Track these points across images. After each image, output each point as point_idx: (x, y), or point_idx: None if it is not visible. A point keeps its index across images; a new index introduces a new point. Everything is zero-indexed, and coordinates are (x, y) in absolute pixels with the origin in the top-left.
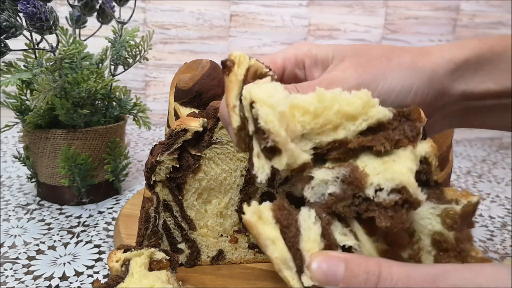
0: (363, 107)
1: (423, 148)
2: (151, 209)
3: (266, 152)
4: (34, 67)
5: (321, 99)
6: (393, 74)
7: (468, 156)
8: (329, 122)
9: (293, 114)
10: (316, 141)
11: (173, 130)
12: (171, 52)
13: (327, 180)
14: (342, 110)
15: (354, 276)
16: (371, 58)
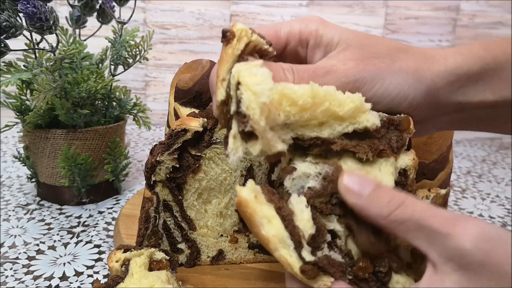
0: (353, 111)
1: (404, 161)
2: (151, 209)
3: (243, 135)
4: (34, 67)
5: (314, 95)
6: (392, 78)
7: (468, 156)
8: (315, 118)
9: (281, 102)
10: (298, 132)
11: (173, 130)
12: (171, 52)
13: (309, 174)
14: (331, 109)
15: (380, 196)
16: (375, 55)
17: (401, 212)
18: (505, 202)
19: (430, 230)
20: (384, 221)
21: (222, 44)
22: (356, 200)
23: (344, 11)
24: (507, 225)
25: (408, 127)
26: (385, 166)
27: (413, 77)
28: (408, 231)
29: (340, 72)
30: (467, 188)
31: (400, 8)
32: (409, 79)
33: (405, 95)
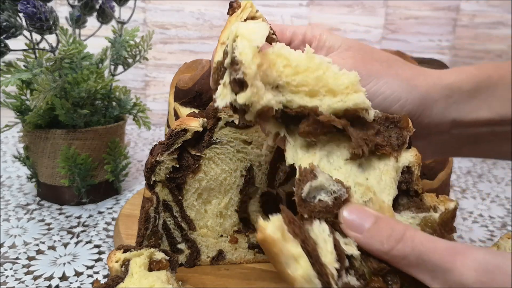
0: (346, 87)
1: (406, 158)
2: (151, 209)
3: (234, 85)
4: (34, 67)
5: (309, 59)
6: (387, 79)
7: None
8: (307, 84)
9: (275, 62)
10: (288, 97)
11: (173, 130)
12: (171, 52)
13: (324, 187)
14: (324, 78)
15: (380, 230)
16: (374, 58)
17: (402, 247)
18: (505, 202)
19: (431, 265)
20: (386, 256)
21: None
22: (357, 234)
23: (344, 11)
24: (507, 225)
25: (408, 125)
26: (386, 172)
27: (408, 83)
28: (410, 265)
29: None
30: (467, 188)
31: (400, 8)
32: (403, 83)
33: (398, 97)
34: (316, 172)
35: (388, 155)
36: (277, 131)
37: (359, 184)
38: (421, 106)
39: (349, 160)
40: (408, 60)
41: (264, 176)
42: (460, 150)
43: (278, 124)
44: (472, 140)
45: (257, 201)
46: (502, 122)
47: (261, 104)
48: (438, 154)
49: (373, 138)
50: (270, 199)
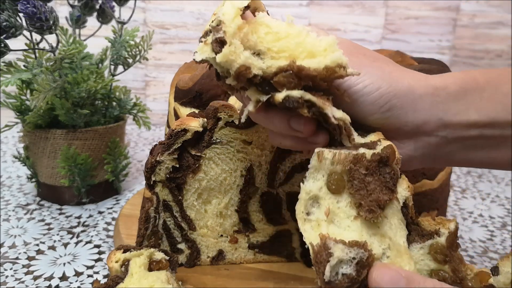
0: (324, 49)
1: (402, 194)
2: (151, 209)
3: (215, 45)
4: (34, 67)
5: (290, 26)
6: (370, 69)
7: None
8: (287, 49)
9: (257, 29)
10: (268, 63)
11: (173, 130)
12: (171, 52)
13: (342, 259)
14: (303, 44)
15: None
16: (362, 53)
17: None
18: (505, 202)
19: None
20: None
21: None
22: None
23: (344, 11)
24: (507, 225)
25: (394, 156)
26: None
27: (390, 76)
28: None
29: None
30: (467, 188)
31: (400, 8)
32: (385, 75)
33: (377, 85)
34: (329, 246)
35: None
36: (258, 98)
37: (373, 234)
38: (404, 98)
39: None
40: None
41: (264, 176)
42: (451, 158)
43: (259, 92)
44: (462, 146)
45: (257, 201)
46: (490, 124)
47: (238, 63)
48: (428, 161)
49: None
50: (270, 199)
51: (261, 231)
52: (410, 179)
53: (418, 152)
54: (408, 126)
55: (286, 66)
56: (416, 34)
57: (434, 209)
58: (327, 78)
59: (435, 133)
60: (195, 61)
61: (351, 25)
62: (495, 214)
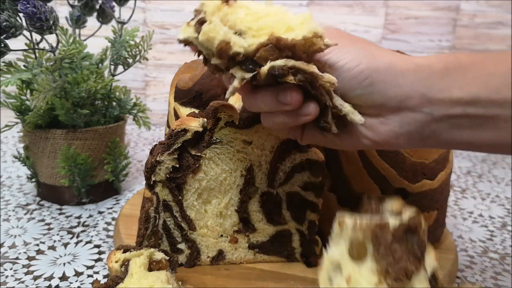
0: (301, 23)
1: (429, 265)
2: (151, 209)
3: (198, 26)
4: (34, 67)
5: (268, 5)
6: (350, 49)
7: (468, 156)
8: (267, 27)
9: (237, 12)
10: (249, 41)
11: (173, 130)
12: (171, 52)
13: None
14: (282, 20)
15: None
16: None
17: None
18: (505, 202)
19: None
20: None
21: None
22: None
23: (344, 11)
24: (507, 225)
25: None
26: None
27: (371, 54)
28: None
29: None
30: (467, 188)
31: (400, 8)
32: (366, 52)
33: (358, 61)
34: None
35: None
36: (243, 76)
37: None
38: (384, 73)
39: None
40: None
41: (264, 176)
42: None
43: (243, 70)
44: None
45: (257, 201)
46: (473, 102)
47: (218, 39)
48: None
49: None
50: (270, 199)
51: (261, 231)
52: (410, 179)
53: (404, 128)
54: (391, 101)
55: (267, 41)
56: (416, 34)
57: (434, 209)
58: (306, 49)
59: (420, 109)
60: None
61: (351, 25)
62: (495, 214)
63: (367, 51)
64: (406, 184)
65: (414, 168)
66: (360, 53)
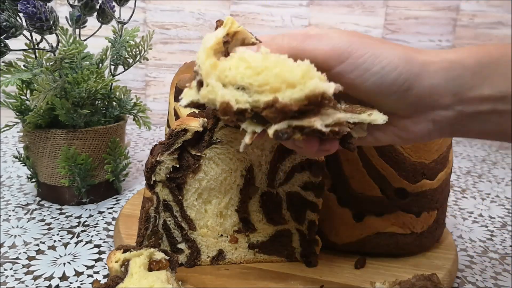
0: (302, 77)
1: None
2: (151, 209)
3: (198, 87)
4: (34, 67)
5: (266, 58)
6: (382, 50)
7: (468, 156)
8: (268, 83)
9: (238, 65)
10: (254, 98)
11: (173, 130)
12: (171, 52)
13: None
14: (282, 75)
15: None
16: (369, 38)
17: None
18: (505, 202)
19: None
20: None
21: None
22: None
23: (344, 11)
24: (507, 225)
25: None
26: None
27: (404, 54)
28: None
29: (334, 37)
30: (467, 188)
31: (400, 8)
32: (399, 54)
33: (395, 65)
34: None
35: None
36: (253, 130)
37: None
38: (419, 78)
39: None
40: None
41: (264, 176)
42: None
43: (254, 124)
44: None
45: (257, 201)
46: (502, 98)
47: (218, 100)
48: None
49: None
50: (270, 199)
51: (261, 231)
52: (410, 179)
53: (436, 126)
54: (425, 102)
55: (271, 102)
56: (416, 34)
57: (434, 209)
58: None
59: (452, 107)
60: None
61: (351, 25)
62: (495, 214)
63: (400, 51)
64: (406, 184)
65: (414, 168)
66: (394, 55)
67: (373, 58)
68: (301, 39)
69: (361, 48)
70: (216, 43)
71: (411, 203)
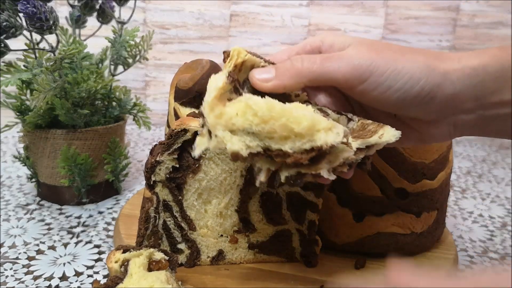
0: (308, 129)
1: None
2: (151, 209)
3: (208, 133)
4: (34, 67)
5: (270, 108)
6: (404, 63)
7: (468, 156)
8: (275, 131)
9: (245, 112)
10: (265, 143)
11: (173, 130)
12: (171, 52)
13: None
14: (288, 125)
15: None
16: (388, 48)
17: None
18: (505, 202)
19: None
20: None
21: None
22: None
23: (344, 11)
24: (507, 225)
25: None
26: None
27: (426, 65)
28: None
29: (353, 56)
30: (467, 188)
31: (400, 8)
32: (421, 65)
33: (418, 78)
34: None
35: None
36: (268, 167)
37: None
38: (442, 87)
39: None
40: None
41: None
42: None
43: (269, 161)
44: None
45: (257, 201)
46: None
47: (228, 150)
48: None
49: None
50: (270, 199)
51: (261, 231)
52: (410, 179)
53: (458, 129)
54: (447, 109)
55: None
56: (416, 34)
57: (434, 209)
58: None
59: (473, 112)
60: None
61: (351, 25)
62: (495, 214)
63: (421, 63)
64: (406, 184)
65: (414, 168)
66: (416, 67)
67: (395, 74)
68: (321, 62)
69: (382, 65)
70: (218, 93)
71: (411, 203)
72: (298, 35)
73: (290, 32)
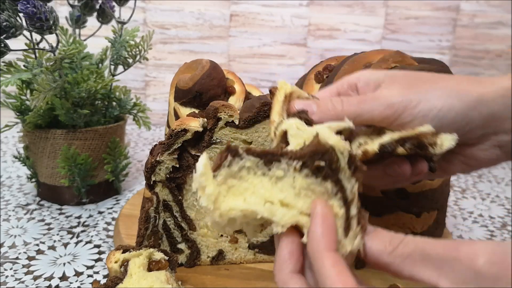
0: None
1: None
2: (151, 209)
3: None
4: (34, 67)
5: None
6: (434, 93)
7: None
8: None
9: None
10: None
11: (173, 130)
12: (171, 52)
13: None
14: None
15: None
16: (418, 80)
17: (404, 246)
18: (505, 202)
19: (436, 259)
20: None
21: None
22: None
23: (344, 11)
24: (507, 225)
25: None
26: None
27: (457, 91)
28: (414, 264)
29: (386, 96)
30: (467, 188)
31: (400, 8)
32: (452, 92)
33: (451, 105)
34: None
35: None
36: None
37: None
38: (476, 109)
39: None
40: (408, 60)
41: None
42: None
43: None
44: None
45: None
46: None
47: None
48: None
49: None
50: None
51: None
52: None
53: (503, 150)
54: (488, 130)
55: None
56: (416, 34)
57: (434, 209)
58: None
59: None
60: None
61: (351, 25)
62: (495, 214)
63: (452, 89)
64: (406, 184)
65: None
66: (447, 95)
67: (427, 105)
68: (357, 105)
69: (414, 99)
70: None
71: (411, 203)
72: (298, 35)
73: (290, 32)
